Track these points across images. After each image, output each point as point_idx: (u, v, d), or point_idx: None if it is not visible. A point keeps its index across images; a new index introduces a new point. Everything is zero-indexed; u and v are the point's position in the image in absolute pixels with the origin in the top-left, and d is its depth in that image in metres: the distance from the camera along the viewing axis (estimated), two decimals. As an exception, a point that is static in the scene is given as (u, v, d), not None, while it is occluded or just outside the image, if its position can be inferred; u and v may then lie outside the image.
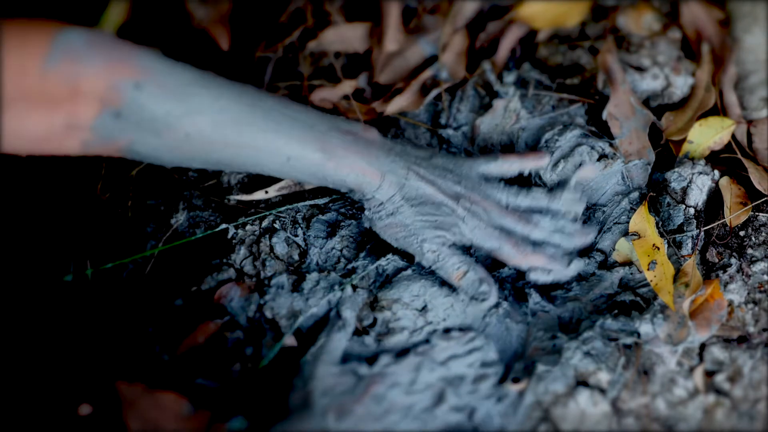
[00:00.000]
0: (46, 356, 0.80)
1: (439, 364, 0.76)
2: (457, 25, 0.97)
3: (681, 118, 0.91)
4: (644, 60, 0.95)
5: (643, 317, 0.77)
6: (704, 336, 0.76)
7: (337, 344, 0.76)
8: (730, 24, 0.95)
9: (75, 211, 0.90)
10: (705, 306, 0.78)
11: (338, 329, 0.77)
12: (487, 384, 0.75)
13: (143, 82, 0.68)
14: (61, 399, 0.76)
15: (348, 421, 0.70)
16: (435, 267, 0.81)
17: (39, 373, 0.78)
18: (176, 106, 0.70)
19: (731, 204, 0.85)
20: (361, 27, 0.98)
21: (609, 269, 0.83)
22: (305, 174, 0.78)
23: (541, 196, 0.84)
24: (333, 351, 0.76)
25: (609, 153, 0.88)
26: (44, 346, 0.80)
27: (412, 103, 0.94)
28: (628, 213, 0.87)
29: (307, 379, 0.73)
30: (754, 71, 0.93)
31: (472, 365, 0.76)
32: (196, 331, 0.79)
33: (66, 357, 0.80)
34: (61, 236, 0.88)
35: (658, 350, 0.76)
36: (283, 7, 1.01)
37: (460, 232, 0.81)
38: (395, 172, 0.80)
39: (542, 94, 0.94)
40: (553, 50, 0.98)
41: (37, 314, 0.82)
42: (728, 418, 0.75)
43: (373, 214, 0.82)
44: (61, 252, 0.86)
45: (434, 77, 0.95)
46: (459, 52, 0.97)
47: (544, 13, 0.98)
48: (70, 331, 0.81)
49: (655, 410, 0.75)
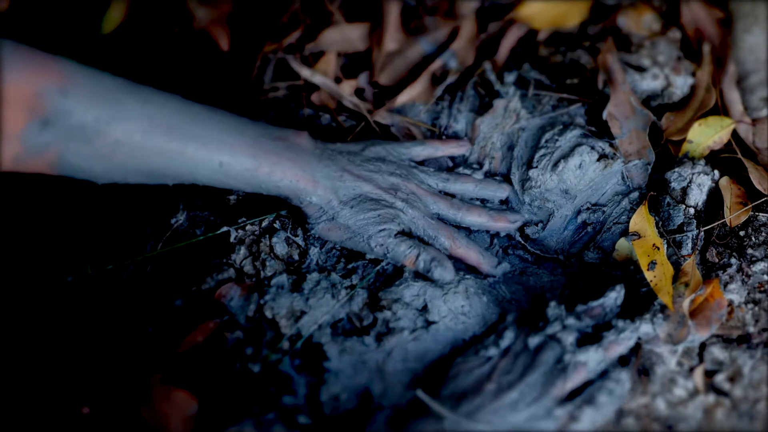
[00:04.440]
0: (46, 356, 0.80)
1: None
2: (465, 12, 0.97)
3: (681, 118, 0.91)
4: (644, 60, 0.95)
5: (643, 317, 0.77)
6: (704, 335, 0.76)
7: None
8: (731, 24, 0.95)
9: (74, 212, 0.90)
10: (705, 305, 0.77)
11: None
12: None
13: (68, 89, 0.67)
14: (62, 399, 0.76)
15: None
16: (387, 258, 0.82)
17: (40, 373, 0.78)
18: (104, 111, 0.69)
19: (731, 204, 0.85)
20: (361, 27, 0.98)
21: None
22: (239, 181, 0.78)
23: (469, 180, 0.88)
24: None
25: (609, 153, 0.88)
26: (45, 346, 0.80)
27: (422, 93, 0.94)
28: (628, 213, 0.87)
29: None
30: (754, 71, 0.93)
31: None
32: (195, 330, 0.79)
33: (67, 357, 0.80)
34: (61, 237, 0.88)
35: (658, 350, 0.76)
36: (283, 8, 1.01)
37: (402, 222, 0.82)
38: (329, 176, 0.81)
39: (542, 94, 0.94)
40: (553, 50, 0.98)
41: (38, 314, 0.82)
42: (728, 418, 0.75)
43: (315, 221, 0.83)
44: (61, 253, 0.86)
45: (444, 67, 0.95)
46: (468, 38, 0.97)
47: (544, 13, 0.98)
48: (70, 331, 0.82)
49: (655, 410, 0.75)
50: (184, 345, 0.79)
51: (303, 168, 0.79)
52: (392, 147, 0.87)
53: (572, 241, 0.88)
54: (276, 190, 0.79)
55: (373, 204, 0.82)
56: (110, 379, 0.78)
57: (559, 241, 0.88)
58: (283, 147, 0.79)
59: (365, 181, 0.82)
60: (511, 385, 0.72)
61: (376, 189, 0.82)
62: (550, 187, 0.88)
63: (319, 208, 0.82)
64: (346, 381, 0.77)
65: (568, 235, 0.88)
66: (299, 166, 0.79)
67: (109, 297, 0.84)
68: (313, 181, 0.80)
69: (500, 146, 0.92)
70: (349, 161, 0.82)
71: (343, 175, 0.81)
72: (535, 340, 0.74)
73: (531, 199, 0.89)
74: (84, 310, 0.83)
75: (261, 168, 0.77)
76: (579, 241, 0.87)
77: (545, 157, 0.89)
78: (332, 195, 0.81)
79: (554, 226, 0.88)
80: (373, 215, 0.82)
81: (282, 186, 0.79)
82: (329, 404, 0.75)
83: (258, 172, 0.77)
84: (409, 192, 0.84)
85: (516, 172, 0.90)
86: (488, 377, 0.73)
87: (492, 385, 0.72)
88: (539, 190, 0.88)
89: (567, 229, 0.88)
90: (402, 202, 0.83)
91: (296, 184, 0.79)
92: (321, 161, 0.81)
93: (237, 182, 0.78)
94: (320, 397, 0.76)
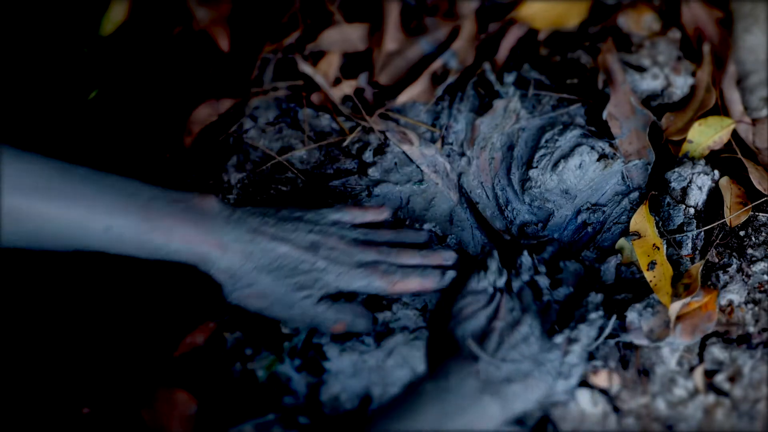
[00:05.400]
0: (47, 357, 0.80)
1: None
2: (465, 12, 0.97)
3: (681, 118, 0.91)
4: (644, 60, 0.95)
5: (634, 306, 0.77)
6: (685, 342, 0.76)
7: None
8: (731, 24, 0.95)
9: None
10: (696, 313, 0.78)
11: None
12: None
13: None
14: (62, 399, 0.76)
15: None
16: (313, 326, 0.78)
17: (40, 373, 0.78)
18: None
19: (731, 204, 0.85)
20: (361, 27, 0.98)
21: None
22: (132, 246, 0.72)
23: (387, 231, 0.82)
24: None
25: (609, 153, 0.88)
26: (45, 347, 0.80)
27: (423, 93, 0.94)
28: (628, 213, 0.87)
29: None
30: (754, 71, 0.93)
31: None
32: (195, 331, 0.79)
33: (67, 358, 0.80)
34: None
35: (638, 342, 0.77)
36: (283, 8, 1.01)
37: (326, 284, 0.76)
38: (240, 239, 0.74)
39: (542, 94, 0.94)
40: (553, 50, 0.98)
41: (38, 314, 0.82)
42: (728, 418, 0.75)
43: (230, 289, 0.75)
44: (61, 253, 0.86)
45: (444, 66, 0.95)
46: (468, 38, 0.97)
47: (544, 13, 0.98)
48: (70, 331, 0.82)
49: (655, 410, 0.75)
50: (184, 346, 0.79)
51: (207, 231, 0.73)
52: (309, 212, 0.80)
53: (572, 241, 0.88)
54: (176, 255, 0.73)
55: (292, 270, 0.75)
56: (110, 379, 0.78)
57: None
58: (183, 209, 0.73)
59: (282, 241, 0.75)
60: (518, 321, 0.75)
61: (294, 250, 0.75)
62: (550, 187, 0.88)
63: (232, 275, 0.74)
64: (346, 381, 0.77)
65: (568, 235, 0.88)
66: (202, 229, 0.73)
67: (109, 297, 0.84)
68: (219, 245, 0.73)
69: (500, 146, 0.92)
70: (262, 222, 0.76)
71: (256, 237, 0.75)
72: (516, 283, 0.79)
73: (531, 199, 0.89)
74: (84, 310, 0.83)
75: (155, 232, 0.71)
76: (579, 241, 0.87)
77: (545, 157, 0.89)
78: (245, 260, 0.74)
79: (554, 226, 0.88)
80: (292, 282, 0.75)
81: (183, 251, 0.72)
82: (329, 404, 0.75)
83: (152, 238, 0.71)
84: (330, 248, 0.77)
85: (516, 172, 0.90)
86: (495, 315, 0.75)
87: (501, 322, 0.75)
88: (539, 190, 0.88)
89: (567, 229, 0.88)
90: (324, 261, 0.76)
91: (199, 248, 0.73)
92: (229, 223, 0.74)
93: (130, 247, 0.72)
94: (320, 397, 0.76)
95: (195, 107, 0.94)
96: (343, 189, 0.89)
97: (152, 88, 0.99)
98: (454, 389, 0.70)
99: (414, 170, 0.91)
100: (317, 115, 0.94)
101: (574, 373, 0.74)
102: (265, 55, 0.98)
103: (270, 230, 0.76)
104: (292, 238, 0.76)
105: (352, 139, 0.93)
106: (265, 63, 0.98)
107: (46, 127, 0.96)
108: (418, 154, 0.91)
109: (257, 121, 0.93)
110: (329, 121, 0.94)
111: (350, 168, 0.91)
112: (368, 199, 0.88)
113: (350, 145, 0.92)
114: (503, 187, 0.91)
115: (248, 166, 0.90)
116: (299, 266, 0.76)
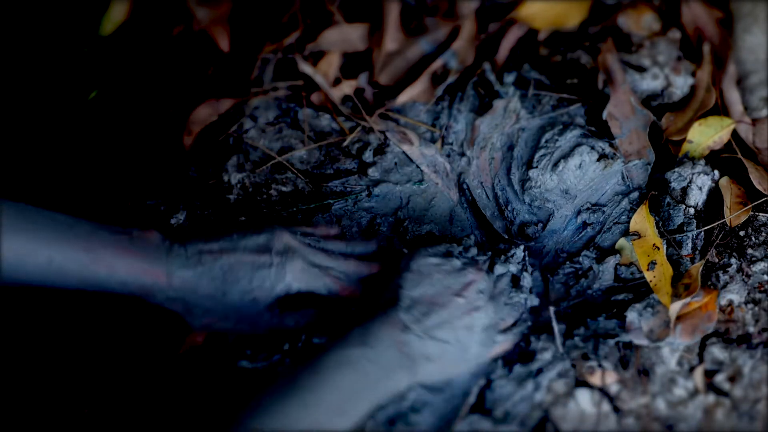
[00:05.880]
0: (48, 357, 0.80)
1: None
2: (465, 12, 0.97)
3: (681, 118, 0.91)
4: (644, 60, 0.95)
5: (634, 305, 0.78)
6: (685, 342, 0.77)
7: None
8: (731, 24, 0.95)
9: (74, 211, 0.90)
10: (696, 314, 0.78)
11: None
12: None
13: None
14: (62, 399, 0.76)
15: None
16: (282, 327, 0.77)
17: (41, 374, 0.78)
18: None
19: (731, 204, 0.85)
20: (361, 27, 0.99)
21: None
22: (75, 279, 0.70)
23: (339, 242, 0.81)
24: None
25: (609, 153, 0.88)
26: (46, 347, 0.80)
27: (423, 93, 0.94)
28: (628, 213, 0.87)
29: None
30: (754, 71, 0.93)
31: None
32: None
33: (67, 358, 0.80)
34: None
35: (639, 342, 0.77)
36: (283, 8, 1.01)
37: (285, 282, 0.75)
38: (185, 265, 0.72)
39: (542, 94, 0.94)
40: (553, 50, 0.98)
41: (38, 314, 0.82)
42: (728, 418, 0.75)
43: (190, 318, 0.75)
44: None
45: (444, 66, 0.95)
46: (468, 38, 0.97)
47: (544, 13, 0.98)
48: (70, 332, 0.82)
49: (655, 410, 0.75)
50: (185, 345, 0.79)
51: (151, 261, 0.71)
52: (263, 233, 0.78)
53: (572, 241, 0.88)
54: (122, 287, 0.71)
55: (247, 279, 0.74)
56: (110, 379, 0.78)
57: (559, 241, 0.88)
58: (126, 240, 0.71)
59: (230, 252, 0.74)
60: (478, 308, 0.74)
61: (245, 255, 0.74)
62: (550, 187, 0.88)
63: (184, 303, 0.73)
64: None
65: (568, 235, 0.88)
66: (146, 260, 0.71)
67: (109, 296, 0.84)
68: (165, 274, 0.71)
69: (500, 146, 0.92)
70: (205, 243, 0.74)
71: (202, 256, 0.73)
72: (499, 269, 0.78)
73: (531, 199, 0.89)
74: (84, 311, 0.83)
75: (97, 264, 0.69)
76: (579, 241, 0.87)
77: (545, 157, 0.89)
78: (194, 284, 0.72)
79: (554, 226, 0.88)
80: (250, 295, 0.74)
81: (129, 282, 0.71)
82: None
83: (96, 269, 0.69)
84: (284, 245, 0.75)
85: (516, 172, 0.90)
86: (459, 292, 0.74)
87: (461, 300, 0.74)
88: (539, 190, 0.88)
89: (567, 229, 0.88)
90: (279, 257, 0.75)
91: (144, 279, 0.71)
92: (171, 252, 0.72)
93: (74, 280, 0.70)
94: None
95: (195, 107, 0.94)
96: (343, 189, 0.89)
97: (152, 88, 0.99)
98: (374, 358, 0.69)
99: (414, 170, 0.91)
100: (317, 115, 0.94)
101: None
102: (265, 55, 0.98)
103: (215, 246, 0.74)
104: (240, 245, 0.75)
105: (352, 139, 0.93)
106: (265, 63, 0.98)
107: (46, 127, 0.96)
108: (418, 154, 0.91)
109: (257, 121, 0.93)
110: (329, 121, 0.94)
111: (350, 168, 0.91)
112: (368, 199, 0.89)
113: (350, 145, 0.92)
114: (503, 187, 0.91)
115: (248, 166, 0.90)
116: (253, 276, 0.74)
